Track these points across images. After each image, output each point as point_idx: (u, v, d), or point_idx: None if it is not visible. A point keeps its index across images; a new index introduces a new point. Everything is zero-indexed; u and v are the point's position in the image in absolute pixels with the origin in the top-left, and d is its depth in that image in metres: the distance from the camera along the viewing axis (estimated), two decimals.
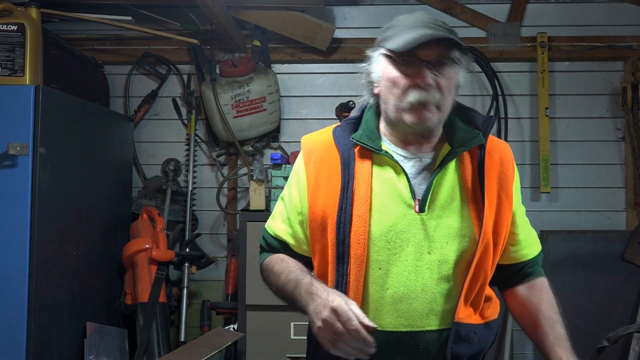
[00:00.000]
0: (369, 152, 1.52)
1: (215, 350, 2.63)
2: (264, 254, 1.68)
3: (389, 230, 1.46)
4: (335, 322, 1.28)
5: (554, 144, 3.40)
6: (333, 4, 3.47)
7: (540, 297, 1.59)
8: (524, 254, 1.60)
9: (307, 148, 1.61)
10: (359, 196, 1.47)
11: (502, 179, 1.53)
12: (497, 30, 3.42)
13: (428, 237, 1.46)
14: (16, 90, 2.53)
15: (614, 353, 3.06)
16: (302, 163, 1.59)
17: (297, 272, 1.51)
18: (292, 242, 1.61)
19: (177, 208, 3.44)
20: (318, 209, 1.52)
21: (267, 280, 1.63)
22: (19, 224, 2.48)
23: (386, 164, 1.51)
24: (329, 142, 1.57)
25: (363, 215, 1.45)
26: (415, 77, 1.44)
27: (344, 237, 1.45)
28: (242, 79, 3.32)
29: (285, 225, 1.61)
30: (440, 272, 1.45)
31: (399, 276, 1.45)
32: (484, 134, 1.52)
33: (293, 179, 1.62)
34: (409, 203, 1.47)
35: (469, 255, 1.46)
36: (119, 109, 3.56)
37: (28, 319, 2.46)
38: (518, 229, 1.59)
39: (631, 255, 3.16)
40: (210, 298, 3.33)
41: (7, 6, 2.62)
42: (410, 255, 1.45)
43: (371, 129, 1.54)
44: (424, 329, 1.45)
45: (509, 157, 1.58)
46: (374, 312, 1.46)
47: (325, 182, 1.53)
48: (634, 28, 3.41)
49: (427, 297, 1.44)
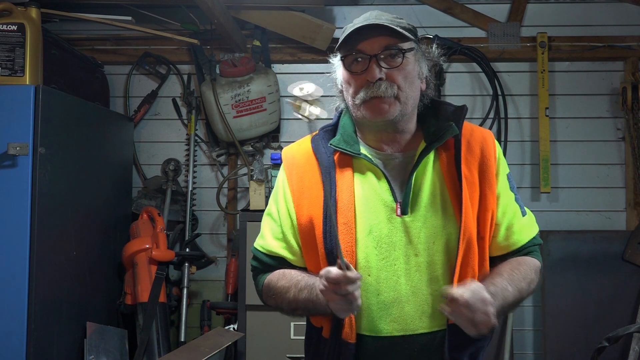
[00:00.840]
0: (349, 158, 1.50)
1: (215, 350, 2.63)
2: (260, 276, 1.62)
3: (375, 236, 1.45)
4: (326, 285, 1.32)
5: (554, 144, 3.40)
6: (333, 4, 3.47)
7: (509, 262, 1.51)
8: (510, 242, 1.54)
9: (288, 160, 1.59)
10: (342, 204, 1.46)
11: (483, 168, 1.50)
12: (497, 30, 3.42)
13: (414, 240, 1.44)
14: (16, 90, 2.53)
15: (614, 353, 3.06)
16: (285, 176, 1.58)
17: (306, 279, 1.48)
18: (289, 256, 1.57)
19: (177, 208, 3.44)
20: (304, 219, 1.51)
21: (272, 300, 1.57)
22: (19, 224, 2.48)
23: (366, 169, 1.50)
24: (308, 152, 1.56)
25: (348, 223, 1.44)
26: (364, 74, 1.44)
27: (331, 246, 1.44)
28: (242, 79, 3.32)
29: (279, 240, 1.57)
30: (430, 273, 1.44)
31: (389, 281, 1.44)
32: (456, 124, 1.49)
33: (279, 193, 1.59)
34: (392, 206, 1.46)
35: (455, 253, 1.43)
36: (119, 109, 3.56)
37: (28, 319, 2.45)
38: (502, 219, 1.52)
39: (631, 255, 3.17)
40: (210, 298, 3.33)
41: (7, 6, 2.62)
42: (398, 259, 1.44)
43: (349, 133, 1.53)
44: (417, 332, 1.44)
45: (490, 145, 1.54)
46: (367, 319, 1.45)
47: (308, 192, 1.51)
48: (634, 28, 3.41)
49: (418, 300, 1.43)
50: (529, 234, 1.57)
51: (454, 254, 1.44)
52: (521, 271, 1.48)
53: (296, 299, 1.48)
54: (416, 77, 1.50)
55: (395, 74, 1.44)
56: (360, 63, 1.46)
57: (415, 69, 1.49)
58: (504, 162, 1.57)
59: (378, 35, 1.44)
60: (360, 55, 1.45)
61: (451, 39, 3.36)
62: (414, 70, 1.49)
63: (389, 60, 1.45)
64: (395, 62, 1.45)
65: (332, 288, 1.31)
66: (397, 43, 1.45)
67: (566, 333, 3.14)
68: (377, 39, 1.44)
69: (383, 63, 1.44)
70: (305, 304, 1.47)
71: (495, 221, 1.52)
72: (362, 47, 1.44)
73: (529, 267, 1.52)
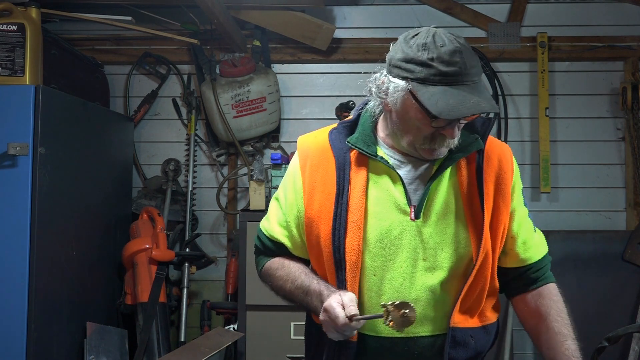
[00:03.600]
0: (365, 158, 1.49)
1: (215, 350, 2.63)
2: (260, 257, 1.67)
3: (384, 236, 1.45)
4: (327, 320, 1.36)
5: (554, 144, 3.40)
6: (333, 4, 3.47)
7: (550, 307, 1.53)
8: (526, 257, 1.55)
9: (303, 151, 1.58)
10: (353, 202, 1.46)
11: (500, 181, 1.49)
12: (497, 30, 3.42)
13: (423, 244, 1.44)
14: (16, 90, 2.53)
15: (614, 353, 3.06)
16: (298, 166, 1.57)
17: (302, 277, 1.52)
18: (289, 245, 1.59)
19: (177, 208, 3.44)
20: (314, 213, 1.51)
21: (269, 284, 1.62)
22: (19, 224, 2.48)
23: (382, 170, 1.49)
24: (325, 145, 1.55)
25: (358, 222, 1.44)
26: (443, 129, 1.39)
27: (339, 244, 1.44)
28: (242, 79, 3.32)
29: (282, 227, 1.59)
30: (435, 279, 1.44)
31: (393, 282, 1.44)
32: (482, 137, 1.48)
33: (289, 181, 1.59)
34: (405, 210, 1.45)
35: (465, 262, 1.44)
36: (119, 109, 3.56)
37: (28, 319, 2.45)
38: (518, 232, 1.53)
39: (631, 255, 3.17)
40: (210, 298, 3.34)
41: (7, 6, 2.62)
42: (405, 262, 1.44)
43: (367, 133, 1.51)
44: (418, 335, 1.44)
45: (508, 159, 1.53)
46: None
47: (321, 187, 1.51)
48: (634, 28, 3.41)
49: (421, 304, 1.43)
50: (542, 251, 1.59)
51: (462, 262, 1.44)
52: (564, 315, 1.53)
53: (292, 293, 1.54)
54: None
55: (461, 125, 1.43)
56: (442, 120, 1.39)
57: None
58: (519, 177, 1.56)
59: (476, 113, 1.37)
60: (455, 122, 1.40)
61: None
62: None
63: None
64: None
65: (332, 325, 1.35)
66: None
67: None
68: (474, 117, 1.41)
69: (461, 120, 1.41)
70: (301, 302, 1.52)
71: (510, 234, 1.52)
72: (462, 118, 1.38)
73: (561, 302, 1.56)
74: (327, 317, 1.35)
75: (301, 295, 1.49)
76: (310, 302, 1.46)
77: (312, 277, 1.50)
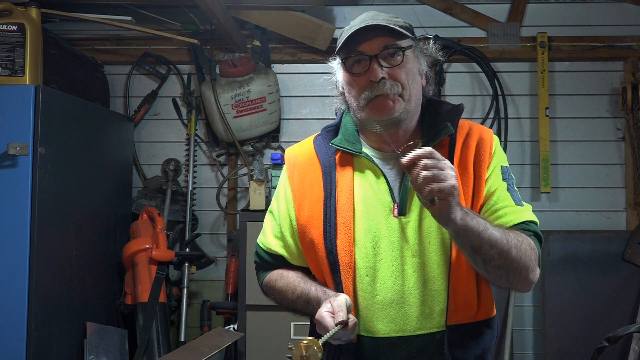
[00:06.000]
0: (350, 157, 1.52)
1: (215, 350, 2.63)
2: (261, 272, 1.69)
3: (373, 236, 1.46)
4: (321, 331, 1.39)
5: (554, 144, 3.40)
6: (333, 4, 3.47)
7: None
8: (505, 221, 1.43)
9: (290, 161, 1.62)
10: (342, 203, 1.47)
11: (477, 164, 1.48)
12: (497, 30, 3.42)
13: (410, 240, 1.44)
14: (16, 90, 2.53)
15: (614, 353, 3.06)
16: (287, 176, 1.60)
17: (301, 285, 1.54)
18: (286, 255, 1.61)
19: (177, 208, 3.44)
20: (305, 220, 1.52)
21: (271, 297, 1.66)
22: (19, 224, 2.48)
23: (366, 168, 1.51)
24: (310, 152, 1.58)
25: (347, 223, 1.46)
26: (366, 74, 1.45)
27: (331, 246, 1.46)
28: (242, 79, 3.32)
29: (277, 239, 1.61)
30: (426, 274, 1.44)
31: (386, 281, 1.44)
32: (452, 123, 1.50)
33: (280, 193, 1.62)
34: (389, 207, 1.46)
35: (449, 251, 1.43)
36: (119, 109, 3.56)
37: (28, 319, 2.45)
38: (496, 204, 1.45)
39: (631, 255, 3.17)
40: (210, 298, 3.34)
41: (7, 6, 2.62)
42: (396, 260, 1.44)
43: (350, 132, 1.55)
44: (415, 334, 1.44)
45: (486, 140, 1.50)
46: (365, 320, 1.46)
47: (309, 193, 1.53)
48: (634, 28, 3.41)
49: (415, 301, 1.44)
50: (521, 217, 1.44)
51: (448, 253, 1.43)
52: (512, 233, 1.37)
53: (294, 303, 1.56)
54: (417, 74, 1.51)
55: (397, 72, 1.45)
56: (361, 64, 1.46)
57: (415, 66, 1.50)
58: (501, 156, 1.52)
59: (376, 36, 1.44)
60: (360, 56, 1.46)
61: (451, 39, 3.36)
62: (414, 68, 1.50)
63: (390, 60, 1.46)
64: (396, 60, 1.46)
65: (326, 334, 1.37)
66: (395, 42, 1.45)
67: (566, 333, 3.14)
68: (376, 40, 1.44)
69: (384, 62, 1.45)
70: (304, 311, 1.55)
71: (491, 210, 1.45)
72: (362, 49, 1.45)
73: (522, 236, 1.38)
74: (320, 327, 1.38)
75: (303, 305, 1.53)
76: (313, 311, 1.47)
77: (310, 283, 1.52)
